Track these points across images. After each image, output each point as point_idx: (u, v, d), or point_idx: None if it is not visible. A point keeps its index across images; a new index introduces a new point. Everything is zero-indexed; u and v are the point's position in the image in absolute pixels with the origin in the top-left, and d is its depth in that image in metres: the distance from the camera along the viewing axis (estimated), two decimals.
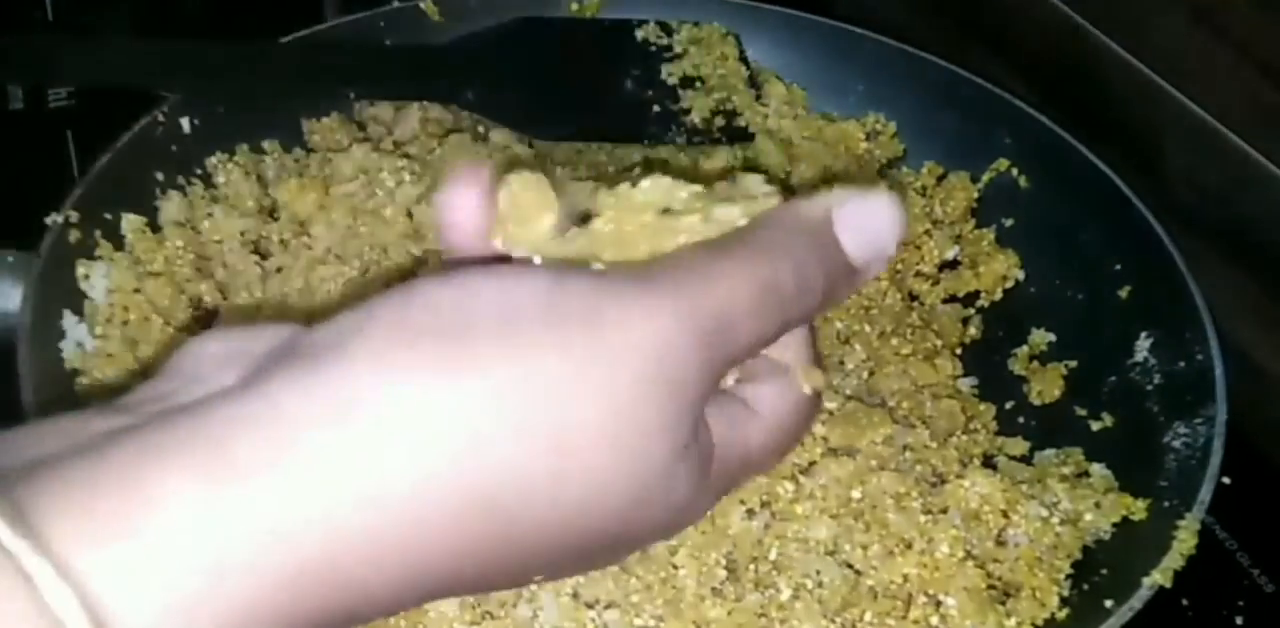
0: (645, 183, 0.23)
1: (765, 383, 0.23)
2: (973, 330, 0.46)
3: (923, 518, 0.37)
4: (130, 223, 0.42)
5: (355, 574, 0.18)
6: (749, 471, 0.24)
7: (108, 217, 0.41)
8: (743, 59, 0.50)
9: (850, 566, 0.36)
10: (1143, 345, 0.42)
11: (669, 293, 0.20)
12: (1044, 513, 0.38)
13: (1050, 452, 0.42)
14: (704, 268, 0.20)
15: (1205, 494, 0.36)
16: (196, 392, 0.19)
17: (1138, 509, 0.38)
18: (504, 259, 0.23)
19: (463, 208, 0.23)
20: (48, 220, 0.39)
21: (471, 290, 0.19)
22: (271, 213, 0.45)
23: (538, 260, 0.23)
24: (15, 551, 0.15)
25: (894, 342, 0.44)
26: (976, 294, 0.47)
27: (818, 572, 0.36)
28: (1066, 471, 0.40)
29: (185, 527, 0.17)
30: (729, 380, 0.24)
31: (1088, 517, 0.38)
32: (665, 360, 0.19)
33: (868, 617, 0.35)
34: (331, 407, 0.18)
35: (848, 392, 0.42)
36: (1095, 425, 0.42)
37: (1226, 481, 0.37)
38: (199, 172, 0.45)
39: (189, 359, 0.21)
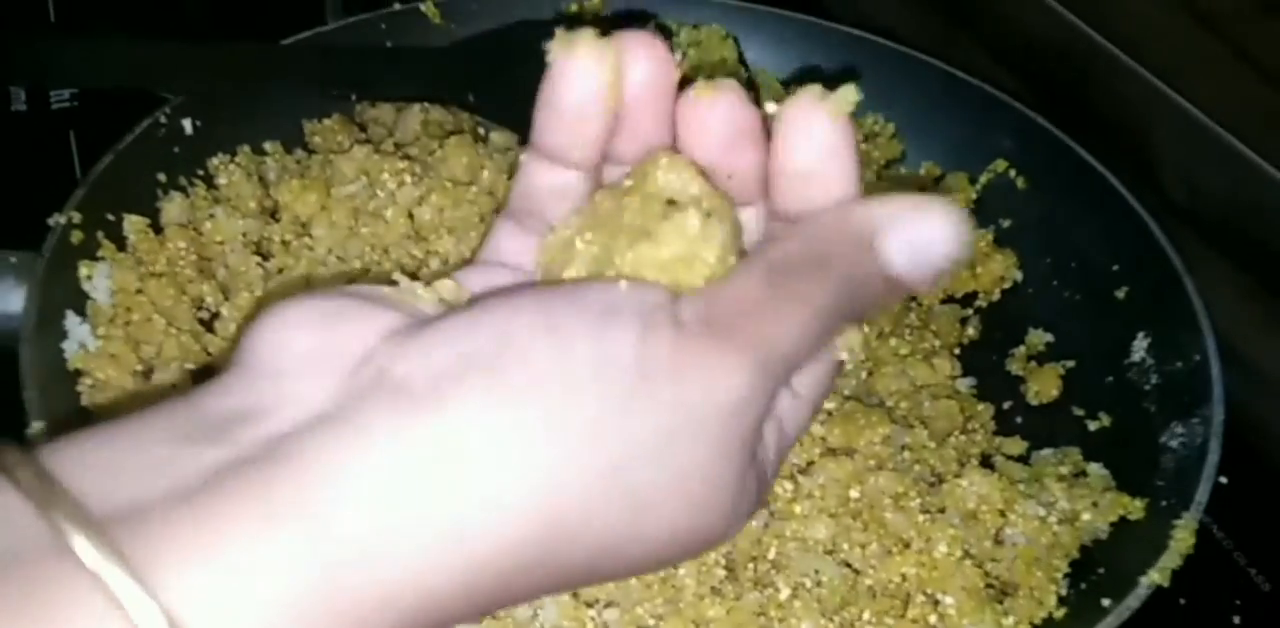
0: (663, 165, 0.22)
1: (807, 366, 0.23)
2: (971, 331, 0.46)
3: (921, 517, 0.37)
4: (132, 224, 0.42)
5: (441, 612, 0.19)
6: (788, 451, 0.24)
7: (110, 217, 0.41)
8: (742, 61, 0.50)
9: (849, 565, 0.36)
10: (1140, 346, 0.42)
11: (746, 349, 0.20)
12: (1041, 512, 0.38)
13: (1048, 451, 0.42)
14: (772, 314, 0.20)
15: (1202, 494, 0.36)
16: (287, 410, 0.19)
17: (1135, 509, 0.38)
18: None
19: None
20: (50, 221, 0.39)
21: (566, 345, 0.19)
22: (273, 214, 0.45)
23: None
24: (119, 591, 0.16)
25: (892, 342, 0.44)
26: (974, 295, 0.47)
27: (816, 571, 0.36)
28: (1064, 470, 0.40)
29: (280, 568, 0.17)
30: None
31: (1085, 516, 0.38)
32: (743, 414, 0.20)
33: (866, 616, 0.35)
34: (433, 461, 0.18)
35: (846, 392, 0.42)
36: (1093, 425, 0.42)
37: (1224, 480, 0.37)
38: (201, 173, 0.45)
39: (272, 349, 0.20)
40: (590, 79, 0.22)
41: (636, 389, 0.19)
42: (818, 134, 0.22)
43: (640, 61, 0.22)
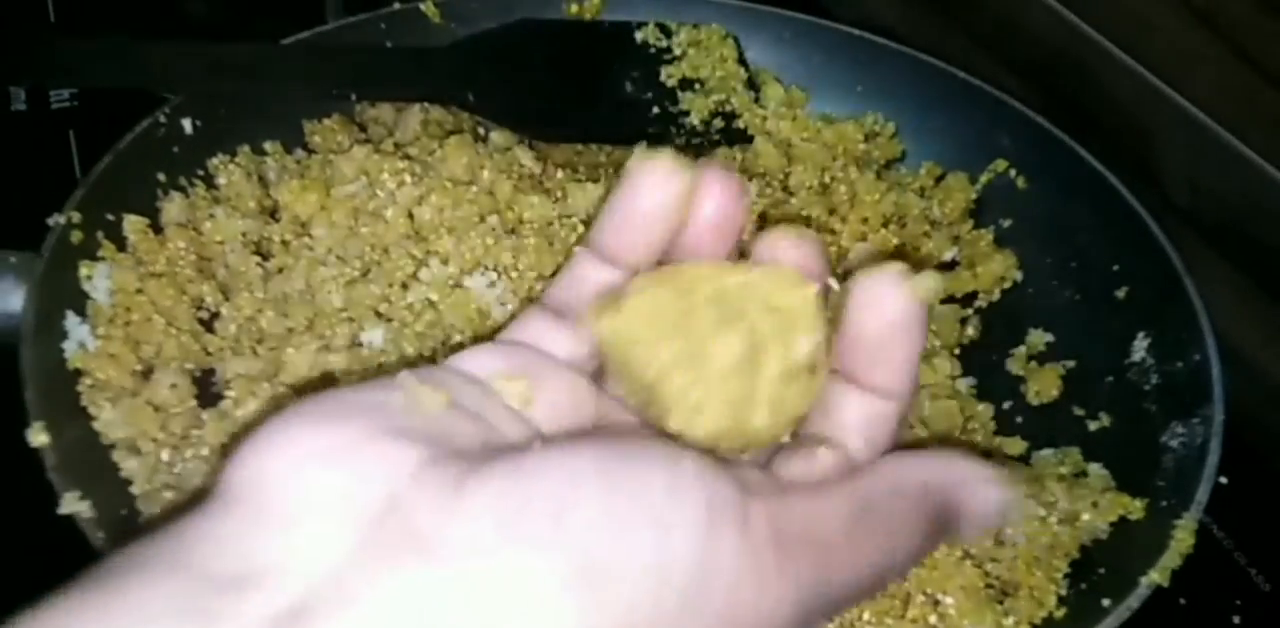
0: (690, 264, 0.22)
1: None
2: (971, 331, 0.46)
3: None
4: (132, 224, 0.42)
5: None
6: None
7: (110, 217, 0.41)
8: (741, 61, 0.50)
9: None
10: (1140, 346, 0.42)
11: (807, 577, 0.19)
12: (1042, 512, 0.38)
13: (1048, 452, 0.42)
14: (847, 551, 0.19)
15: (1203, 494, 0.36)
16: (298, 568, 0.16)
17: (1135, 509, 0.38)
18: None
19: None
20: (50, 221, 0.39)
21: (627, 530, 0.18)
22: (273, 214, 0.45)
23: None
24: None
25: None
26: (974, 295, 0.47)
27: None
28: (1064, 470, 0.40)
29: None
30: None
31: (1085, 516, 0.38)
32: None
33: (866, 616, 0.35)
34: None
35: None
36: (1093, 425, 0.42)
37: (1224, 480, 0.37)
38: (200, 173, 0.45)
39: (282, 486, 0.18)
40: (661, 193, 0.22)
41: (690, 588, 0.17)
42: (890, 310, 0.21)
43: (714, 197, 0.22)
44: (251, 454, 0.18)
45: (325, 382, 0.40)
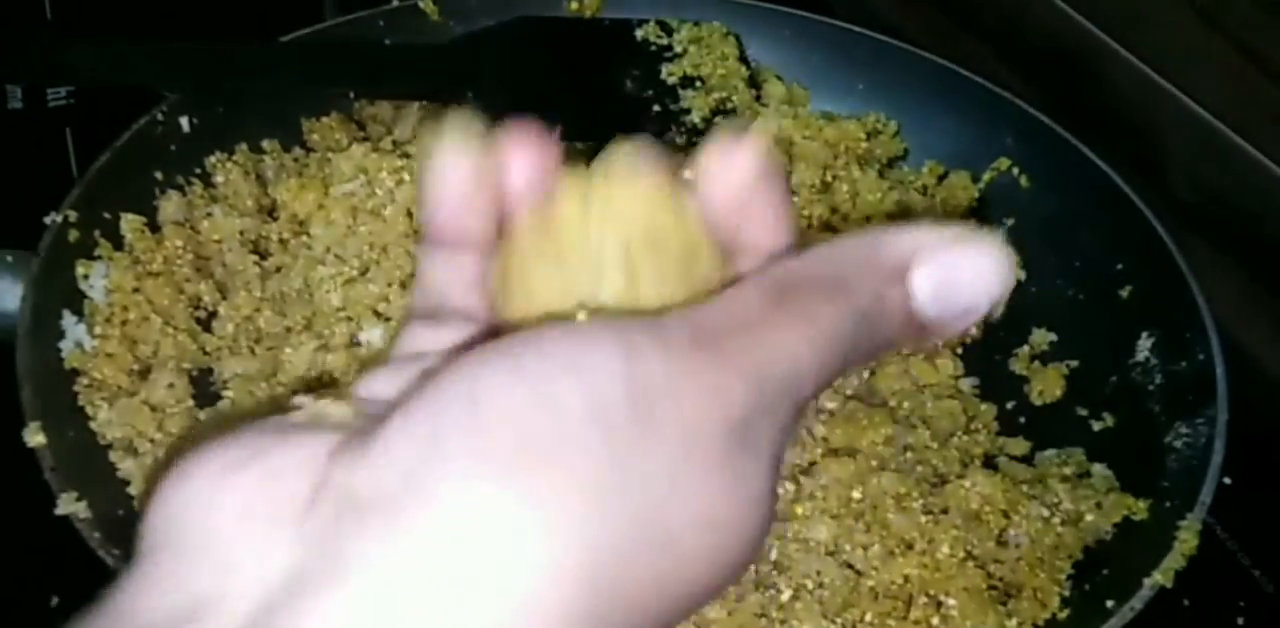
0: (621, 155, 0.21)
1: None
2: (974, 330, 0.46)
3: (923, 518, 0.37)
4: (129, 222, 0.42)
5: None
6: None
7: (107, 216, 0.41)
8: (743, 58, 0.49)
9: (851, 566, 0.36)
10: (1144, 345, 0.42)
11: (745, 363, 0.18)
12: (1045, 513, 0.38)
13: (1051, 452, 0.41)
14: (774, 329, 0.18)
15: (1206, 495, 0.36)
16: (239, 589, 0.15)
17: (1139, 509, 0.38)
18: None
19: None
20: (47, 220, 0.39)
21: (546, 391, 0.17)
22: (270, 212, 0.45)
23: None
24: None
25: None
26: None
27: (818, 572, 0.36)
28: (1068, 471, 0.40)
29: None
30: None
31: (1089, 517, 0.38)
32: (751, 431, 0.18)
33: (868, 617, 0.35)
34: (443, 571, 0.15)
35: (848, 392, 0.42)
36: (1096, 426, 0.42)
37: (1228, 481, 0.36)
38: (198, 171, 0.45)
39: (193, 514, 0.17)
40: (457, 175, 0.21)
41: (638, 423, 0.17)
42: (737, 168, 0.20)
43: (517, 164, 0.21)
44: (158, 497, 0.17)
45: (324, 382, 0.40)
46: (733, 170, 0.20)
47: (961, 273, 0.19)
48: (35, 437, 0.34)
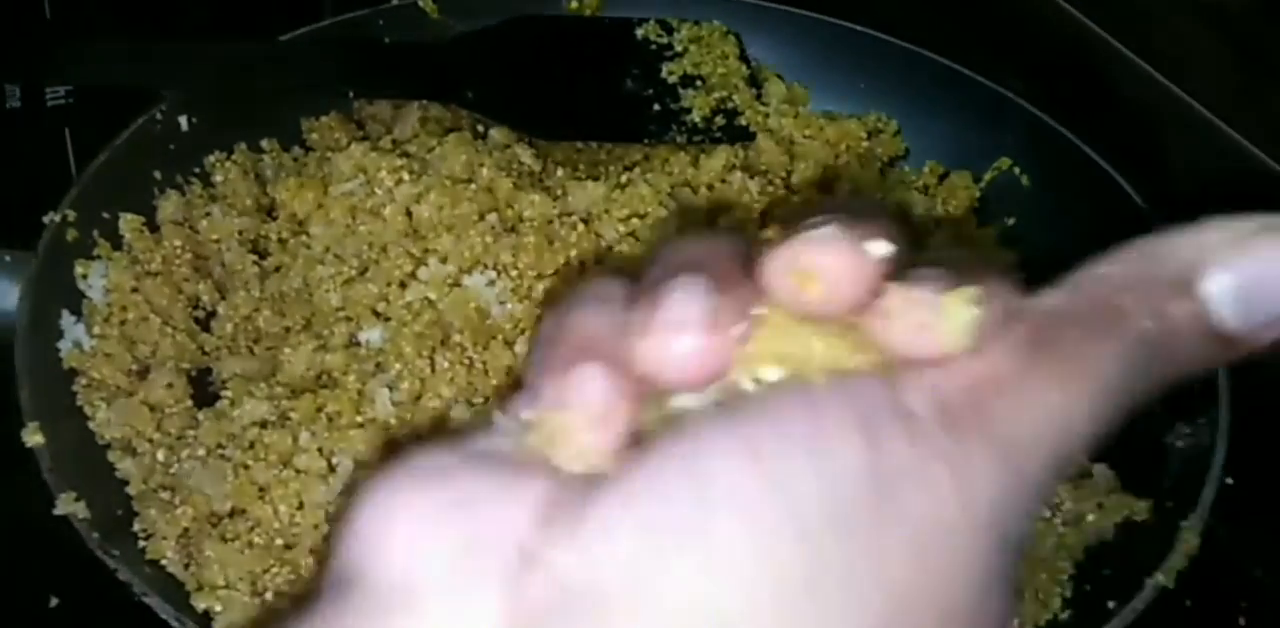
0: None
1: None
2: None
3: None
4: (128, 222, 0.41)
5: None
6: None
7: (105, 215, 0.41)
8: (743, 57, 0.49)
9: None
10: None
11: (994, 439, 0.15)
12: (1046, 514, 0.38)
13: None
14: (1029, 394, 0.16)
15: (1208, 495, 0.36)
16: None
17: (1141, 510, 0.38)
18: None
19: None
20: (45, 219, 0.39)
21: (778, 473, 0.15)
22: (270, 212, 0.45)
23: None
24: None
25: None
26: None
27: None
28: (1069, 471, 0.40)
29: None
30: None
31: (1090, 517, 0.38)
32: (998, 523, 0.15)
33: None
34: None
35: None
36: None
37: (1230, 481, 0.36)
38: (197, 170, 0.45)
39: (401, 556, 0.15)
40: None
41: (877, 512, 0.15)
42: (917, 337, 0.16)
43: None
44: (356, 533, 0.16)
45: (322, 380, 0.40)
46: (931, 341, 0.16)
47: (1268, 272, 0.17)
48: (34, 437, 0.34)
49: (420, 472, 0.17)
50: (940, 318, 0.16)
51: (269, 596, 0.35)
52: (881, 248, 0.16)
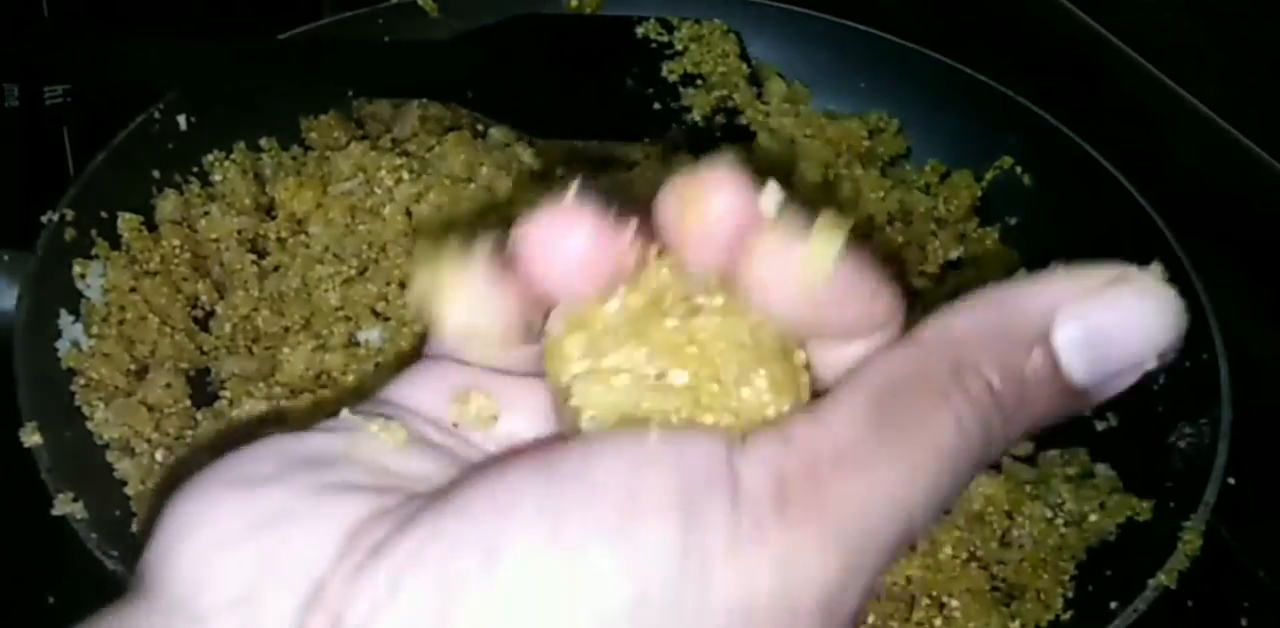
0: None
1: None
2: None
3: None
4: (126, 221, 0.41)
5: None
6: None
7: (104, 215, 0.41)
8: (743, 56, 0.49)
9: None
10: None
11: (836, 526, 0.14)
12: (1048, 514, 0.38)
13: (1055, 452, 0.41)
14: (876, 468, 0.15)
15: (1210, 495, 0.36)
16: None
17: (1142, 510, 0.37)
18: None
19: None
20: (43, 219, 0.39)
21: (579, 561, 0.14)
22: (269, 211, 0.45)
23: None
24: None
25: None
26: None
27: None
28: (1071, 471, 0.40)
29: None
30: None
31: (1092, 518, 0.38)
32: (836, 610, 0.15)
33: (871, 619, 0.35)
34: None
35: None
36: (1100, 426, 0.42)
37: (1231, 481, 0.36)
38: (196, 170, 0.45)
39: (193, 573, 0.15)
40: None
41: (688, 604, 0.14)
42: (790, 280, 0.16)
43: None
44: (159, 534, 0.16)
45: (319, 381, 0.39)
46: (790, 274, 0.16)
47: (1118, 324, 0.16)
48: (32, 437, 0.34)
49: (233, 479, 0.16)
50: (808, 246, 0.16)
51: None
52: (771, 193, 0.16)
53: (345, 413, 0.17)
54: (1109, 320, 0.16)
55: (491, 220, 0.41)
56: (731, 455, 0.15)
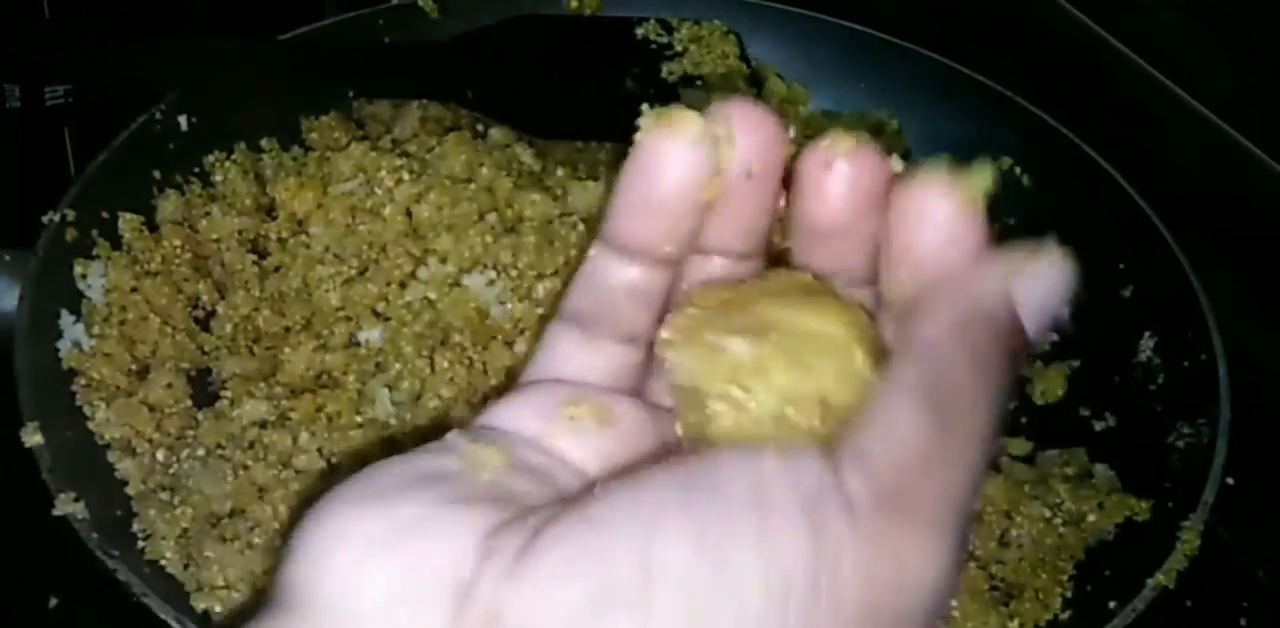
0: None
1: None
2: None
3: None
4: (127, 222, 0.41)
5: None
6: None
7: (105, 215, 0.41)
8: (743, 57, 0.49)
9: None
10: (1146, 345, 0.42)
11: (934, 520, 0.16)
12: (1047, 514, 0.38)
13: (1053, 452, 0.41)
14: (948, 464, 0.17)
15: (1209, 495, 0.36)
16: None
17: (1141, 510, 0.38)
18: None
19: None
20: (45, 219, 0.39)
21: (723, 560, 0.16)
22: (269, 212, 0.45)
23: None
24: None
25: None
26: None
27: None
28: (1070, 471, 0.40)
29: None
30: None
31: (1091, 517, 0.38)
32: (943, 591, 0.16)
33: None
34: None
35: None
36: (1098, 426, 0.42)
37: (1230, 481, 0.36)
38: (196, 170, 0.45)
39: (341, 586, 0.16)
40: (690, 168, 0.18)
41: (819, 601, 0.15)
42: (940, 221, 0.19)
43: (751, 145, 0.19)
44: (303, 550, 0.17)
45: (322, 381, 0.40)
46: (938, 212, 0.19)
47: (1049, 286, 0.20)
48: (33, 437, 0.34)
49: (365, 495, 0.17)
50: (963, 179, 0.19)
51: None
52: (896, 162, 0.20)
53: (450, 435, 0.19)
54: (1035, 285, 0.19)
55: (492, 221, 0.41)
56: (835, 473, 0.17)
